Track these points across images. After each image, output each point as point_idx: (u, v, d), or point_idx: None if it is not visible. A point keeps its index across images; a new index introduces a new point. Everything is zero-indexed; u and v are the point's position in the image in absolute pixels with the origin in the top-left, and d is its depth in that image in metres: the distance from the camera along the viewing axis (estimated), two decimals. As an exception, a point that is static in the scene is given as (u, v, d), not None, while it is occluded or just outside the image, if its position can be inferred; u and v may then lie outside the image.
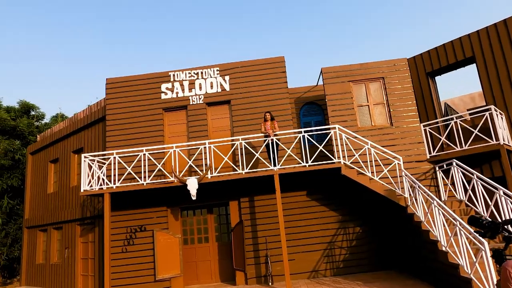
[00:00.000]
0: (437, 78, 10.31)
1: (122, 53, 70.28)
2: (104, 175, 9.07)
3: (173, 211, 9.81)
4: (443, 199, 8.79)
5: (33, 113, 21.03)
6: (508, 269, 2.23)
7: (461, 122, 8.81)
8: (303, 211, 9.46)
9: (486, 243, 5.10)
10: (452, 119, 9.16)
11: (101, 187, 9.20)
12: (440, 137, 9.11)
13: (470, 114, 9.35)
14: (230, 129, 10.20)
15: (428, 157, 9.26)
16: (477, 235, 2.76)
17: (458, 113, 12.42)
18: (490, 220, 2.63)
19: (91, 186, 8.92)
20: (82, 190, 8.61)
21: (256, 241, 9.35)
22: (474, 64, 9.48)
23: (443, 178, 8.87)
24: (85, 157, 8.81)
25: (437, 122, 9.49)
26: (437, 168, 9.01)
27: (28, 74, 62.14)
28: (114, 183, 8.87)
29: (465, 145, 8.57)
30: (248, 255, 9.27)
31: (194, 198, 8.40)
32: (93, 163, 9.06)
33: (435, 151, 9.16)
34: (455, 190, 8.46)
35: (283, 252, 8.01)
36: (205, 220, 10.17)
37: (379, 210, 9.34)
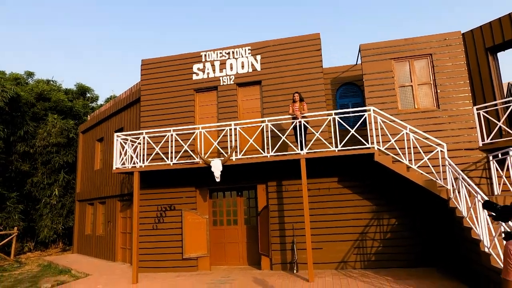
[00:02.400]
0: (500, 55, 8.89)
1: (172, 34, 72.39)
2: (135, 155, 9.31)
3: (201, 192, 9.84)
4: (496, 193, 7.69)
5: (88, 95, 22.53)
6: (509, 247, 2.44)
7: (523, 105, 7.53)
8: (333, 198, 8.92)
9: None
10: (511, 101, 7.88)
11: (134, 165, 9.48)
12: (497, 122, 7.91)
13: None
14: (261, 110, 9.86)
15: (481, 145, 8.12)
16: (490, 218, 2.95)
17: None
18: (504, 205, 2.72)
19: (123, 164, 9.22)
20: (114, 168, 8.93)
21: (283, 227, 9.05)
22: (547, 37, 8.03)
23: (497, 169, 7.73)
24: (117, 136, 9.09)
25: (494, 105, 8.25)
26: (490, 158, 7.87)
27: (87, 58, 66.89)
28: (143, 162, 9.06)
29: (527, 132, 7.34)
30: (273, 240, 9.03)
31: (218, 179, 8.28)
32: (125, 142, 9.34)
33: (490, 138, 7.99)
34: (511, 184, 7.33)
35: (307, 240, 7.62)
36: (234, 203, 10.08)
37: (419, 202, 8.46)
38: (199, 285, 7.79)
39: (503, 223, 4.62)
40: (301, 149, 8.03)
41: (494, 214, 2.78)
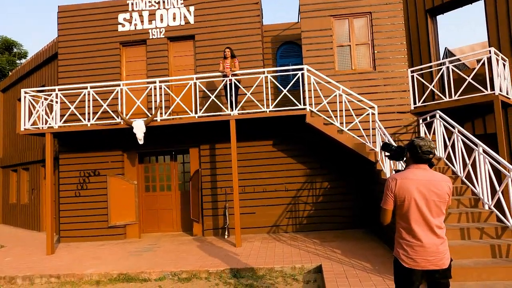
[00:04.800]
0: (439, 19, 8.73)
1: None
2: (53, 115, 8.27)
3: (129, 156, 9.10)
4: (423, 156, 7.75)
5: (15, 50, 20.05)
6: (389, 180, 2.61)
7: (453, 68, 7.47)
8: (268, 162, 8.62)
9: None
10: (443, 64, 7.81)
11: (50, 125, 8.44)
12: (429, 85, 7.85)
13: (465, 59, 7.98)
14: (194, 68, 9.08)
15: (412, 108, 8.09)
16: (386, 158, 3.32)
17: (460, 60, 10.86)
18: (398, 145, 2.83)
19: (35, 125, 8.17)
20: (22, 129, 7.87)
21: (215, 192, 8.68)
22: (482, 1, 7.93)
23: (425, 133, 7.77)
24: (25, 92, 7.95)
25: (428, 68, 8.16)
26: (420, 121, 7.88)
27: (15, 12, 60.08)
28: (56, 123, 8.08)
29: (455, 95, 7.34)
30: (206, 205, 8.67)
31: (141, 142, 7.60)
32: (39, 100, 8.23)
33: (421, 101, 7.95)
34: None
35: (235, 205, 7.32)
36: (168, 167, 9.50)
37: (353, 166, 8.42)
38: (120, 253, 7.30)
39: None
40: (231, 109, 7.50)
41: (389, 154, 2.88)
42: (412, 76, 8.14)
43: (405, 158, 2.75)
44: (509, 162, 7.21)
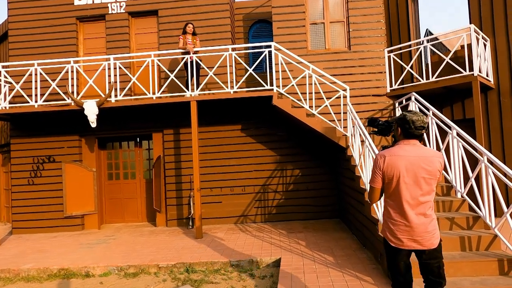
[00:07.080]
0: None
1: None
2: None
3: (88, 141, 8.43)
4: (398, 142, 7.30)
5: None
6: (377, 157, 2.51)
7: (432, 48, 6.98)
8: (235, 148, 8.07)
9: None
10: (422, 43, 7.31)
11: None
12: (406, 66, 7.36)
13: (444, 38, 7.49)
14: (158, 46, 8.40)
15: (389, 91, 7.59)
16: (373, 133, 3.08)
17: (443, 44, 10.42)
18: (385, 120, 2.71)
19: (-21, 106, 7.44)
20: (-38, 110, 7.14)
21: (180, 180, 8.12)
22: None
23: (401, 117, 7.28)
24: (-35, 70, 7.19)
25: (406, 47, 7.64)
26: (396, 104, 7.41)
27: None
28: (0, 104, 7.35)
29: (432, 77, 6.86)
30: (170, 194, 8.11)
31: (93, 125, 6.96)
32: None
33: (397, 83, 7.46)
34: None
35: (195, 194, 6.78)
36: (132, 154, 8.89)
37: (325, 151, 7.92)
38: (71, 245, 6.71)
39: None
40: (192, 90, 6.89)
41: (376, 129, 2.81)
42: (389, 57, 7.63)
43: (392, 134, 2.65)
44: (487, 148, 6.82)
